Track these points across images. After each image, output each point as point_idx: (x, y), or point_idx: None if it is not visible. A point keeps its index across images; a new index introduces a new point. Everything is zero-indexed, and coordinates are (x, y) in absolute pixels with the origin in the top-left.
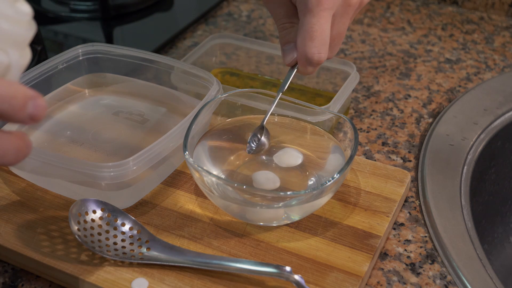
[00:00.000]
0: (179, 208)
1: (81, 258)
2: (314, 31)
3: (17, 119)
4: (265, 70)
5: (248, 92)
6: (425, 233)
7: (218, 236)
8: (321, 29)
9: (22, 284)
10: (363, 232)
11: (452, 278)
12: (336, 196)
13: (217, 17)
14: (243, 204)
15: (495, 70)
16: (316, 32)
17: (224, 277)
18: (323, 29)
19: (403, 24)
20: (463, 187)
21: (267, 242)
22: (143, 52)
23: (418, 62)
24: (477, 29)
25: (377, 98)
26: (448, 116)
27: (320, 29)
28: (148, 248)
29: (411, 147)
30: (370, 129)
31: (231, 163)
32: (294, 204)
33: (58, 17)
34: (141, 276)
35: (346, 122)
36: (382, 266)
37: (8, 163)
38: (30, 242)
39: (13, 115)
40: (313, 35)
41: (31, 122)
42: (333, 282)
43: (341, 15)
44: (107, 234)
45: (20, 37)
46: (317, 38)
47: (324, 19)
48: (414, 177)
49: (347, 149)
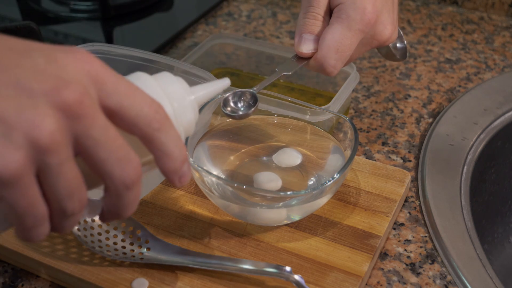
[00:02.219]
0: (179, 208)
1: (81, 258)
2: (343, 45)
3: (171, 176)
4: (265, 70)
5: None
6: (425, 233)
7: (218, 236)
8: (350, 45)
9: (22, 284)
10: (363, 232)
11: (452, 278)
12: (336, 196)
13: (217, 17)
14: (243, 204)
15: (495, 70)
16: (344, 47)
17: (224, 277)
18: (351, 47)
19: (403, 24)
20: (463, 187)
21: (267, 242)
22: (143, 52)
23: (418, 62)
24: (477, 29)
25: (377, 98)
26: (448, 116)
27: (349, 45)
28: (148, 248)
29: (411, 147)
30: (370, 129)
31: (231, 163)
32: (294, 204)
33: (58, 17)
34: (141, 276)
35: (346, 122)
36: (382, 266)
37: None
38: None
39: (170, 171)
40: (340, 48)
41: (179, 183)
42: (333, 282)
43: (364, 44)
44: (107, 234)
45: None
46: (342, 52)
47: (356, 38)
48: (414, 177)
49: (347, 149)
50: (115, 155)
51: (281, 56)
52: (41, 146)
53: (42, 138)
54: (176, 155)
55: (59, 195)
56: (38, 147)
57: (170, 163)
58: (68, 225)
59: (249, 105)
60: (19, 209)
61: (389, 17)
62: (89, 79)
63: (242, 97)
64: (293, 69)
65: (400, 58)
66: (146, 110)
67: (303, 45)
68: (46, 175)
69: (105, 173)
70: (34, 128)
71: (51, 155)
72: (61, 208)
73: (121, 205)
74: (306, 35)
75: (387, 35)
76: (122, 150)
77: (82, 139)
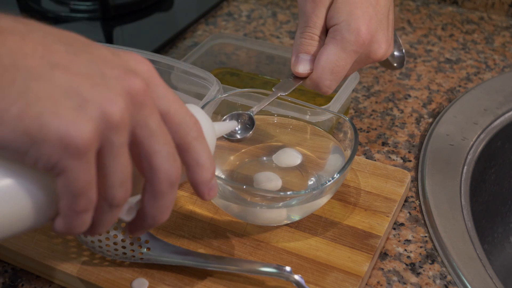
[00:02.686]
0: (179, 208)
1: (81, 258)
2: (338, 66)
3: (202, 187)
4: (265, 70)
5: (248, 92)
6: (425, 233)
7: (218, 236)
8: (344, 66)
9: (22, 284)
10: (363, 232)
11: (452, 278)
12: (336, 196)
13: (217, 17)
14: (243, 204)
15: (495, 70)
16: (339, 68)
17: (224, 277)
18: (345, 67)
19: (403, 24)
20: (463, 187)
21: (267, 242)
22: (143, 52)
23: (418, 62)
24: (477, 29)
25: (377, 98)
26: (448, 116)
27: (343, 66)
28: (148, 248)
29: (411, 147)
30: (370, 129)
31: (231, 163)
32: (294, 204)
33: (58, 17)
34: (141, 276)
35: (346, 122)
36: (382, 266)
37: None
38: (30, 242)
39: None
40: (335, 69)
41: (208, 196)
42: (333, 282)
43: (359, 61)
44: (107, 234)
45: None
46: (336, 73)
47: (350, 59)
48: (414, 177)
49: (347, 149)
50: (166, 149)
51: (281, 56)
52: (111, 122)
53: (113, 114)
54: (208, 166)
55: (112, 180)
56: (109, 123)
57: (203, 173)
58: (108, 219)
59: (246, 127)
60: (77, 186)
61: (383, 36)
62: (147, 77)
63: (240, 119)
64: (289, 89)
65: (397, 66)
66: (188, 119)
67: (300, 65)
68: (106, 156)
69: (154, 166)
70: (108, 104)
71: (118, 133)
72: (110, 195)
73: (160, 205)
74: (303, 55)
75: (382, 53)
76: (172, 146)
77: (140, 128)
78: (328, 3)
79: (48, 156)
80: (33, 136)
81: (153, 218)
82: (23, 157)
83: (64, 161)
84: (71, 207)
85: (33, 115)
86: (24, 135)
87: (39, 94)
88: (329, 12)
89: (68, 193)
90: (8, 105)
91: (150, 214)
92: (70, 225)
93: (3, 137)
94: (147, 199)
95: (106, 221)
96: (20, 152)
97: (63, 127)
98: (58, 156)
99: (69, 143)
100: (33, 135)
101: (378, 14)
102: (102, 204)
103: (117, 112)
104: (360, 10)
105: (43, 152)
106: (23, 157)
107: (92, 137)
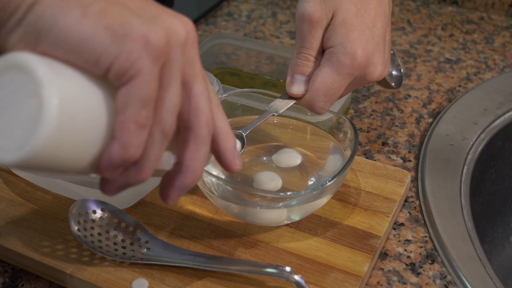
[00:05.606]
0: (179, 208)
1: (81, 258)
2: (332, 89)
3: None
4: (265, 70)
5: (248, 92)
6: (425, 233)
7: (218, 236)
8: (338, 89)
9: (22, 284)
10: (363, 232)
11: (452, 278)
12: (336, 196)
13: (217, 17)
14: (243, 204)
15: (495, 70)
16: (333, 90)
17: (224, 277)
18: (339, 90)
19: (403, 24)
20: (463, 187)
21: (267, 242)
22: None
23: (418, 62)
24: (477, 29)
25: (377, 98)
26: (448, 116)
27: (337, 89)
28: (148, 248)
29: (411, 147)
30: (370, 129)
31: None
32: (294, 204)
33: None
34: (141, 276)
35: (346, 122)
36: (382, 266)
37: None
38: (30, 242)
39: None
40: (329, 92)
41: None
42: (333, 282)
43: (354, 83)
44: (107, 234)
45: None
46: (330, 95)
47: (345, 82)
48: (414, 177)
49: (347, 149)
50: (207, 94)
51: (281, 56)
52: (178, 38)
53: (179, 33)
54: (231, 134)
55: (167, 103)
56: (176, 38)
57: (227, 140)
58: (155, 153)
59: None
60: (146, 92)
61: (380, 58)
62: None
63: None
64: (283, 109)
65: (395, 86)
66: (210, 87)
67: (294, 86)
68: (166, 75)
69: (199, 107)
70: (174, 25)
71: (180, 52)
72: (163, 119)
73: (201, 156)
74: (298, 75)
75: (377, 75)
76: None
77: (189, 66)
78: (325, 24)
79: (128, 53)
80: (115, 31)
81: (194, 171)
82: (98, 58)
83: (141, 60)
84: (134, 118)
85: (114, 13)
86: (106, 29)
87: (118, 1)
88: (326, 34)
89: (134, 101)
90: (91, 2)
91: (191, 167)
92: (126, 145)
93: (84, 32)
94: (187, 150)
95: (153, 155)
96: (97, 52)
97: (144, 27)
98: (137, 54)
99: (150, 41)
100: (115, 30)
101: (375, 37)
102: (154, 130)
103: (182, 32)
104: (357, 32)
105: (123, 49)
106: (99, 58)
107: (166, 44)
